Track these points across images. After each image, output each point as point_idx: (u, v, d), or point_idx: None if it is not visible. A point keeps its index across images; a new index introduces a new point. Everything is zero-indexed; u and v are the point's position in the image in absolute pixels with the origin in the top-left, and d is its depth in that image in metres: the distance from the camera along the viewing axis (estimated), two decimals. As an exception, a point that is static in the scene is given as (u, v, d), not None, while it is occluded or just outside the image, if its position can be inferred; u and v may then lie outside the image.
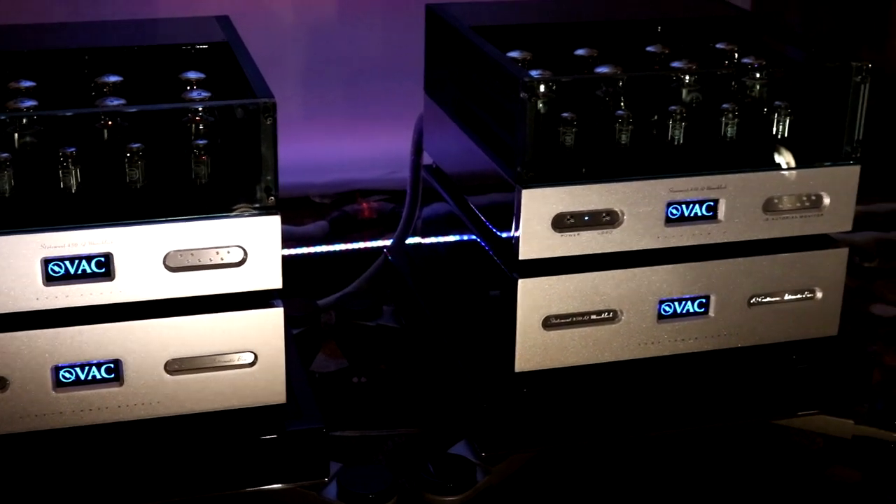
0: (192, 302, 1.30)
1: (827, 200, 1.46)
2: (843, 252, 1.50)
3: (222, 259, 1.29)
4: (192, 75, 1.41)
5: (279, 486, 1.36)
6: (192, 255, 1.28)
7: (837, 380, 1.53)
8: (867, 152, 1.47)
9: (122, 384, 1.29)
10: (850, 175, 1.47)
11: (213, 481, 1.33)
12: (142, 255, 1.26)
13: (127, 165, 1.27)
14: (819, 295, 1.50)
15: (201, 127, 1.32)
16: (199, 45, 1.50)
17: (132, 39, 1.51)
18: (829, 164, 1.46)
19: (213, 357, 1.31)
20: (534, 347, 1.41)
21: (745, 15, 1.70)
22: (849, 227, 1.49)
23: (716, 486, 1.58)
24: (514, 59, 1.48)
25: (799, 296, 1.49)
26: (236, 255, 1.29)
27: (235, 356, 1.32)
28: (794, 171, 1.45)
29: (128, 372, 1.29)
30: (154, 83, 1.45)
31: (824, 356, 1.52)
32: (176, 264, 1.28)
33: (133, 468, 1.31)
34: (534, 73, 1.43)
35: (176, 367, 1.30)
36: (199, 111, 1.32)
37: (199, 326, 1.30)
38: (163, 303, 1.29)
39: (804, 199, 1.46)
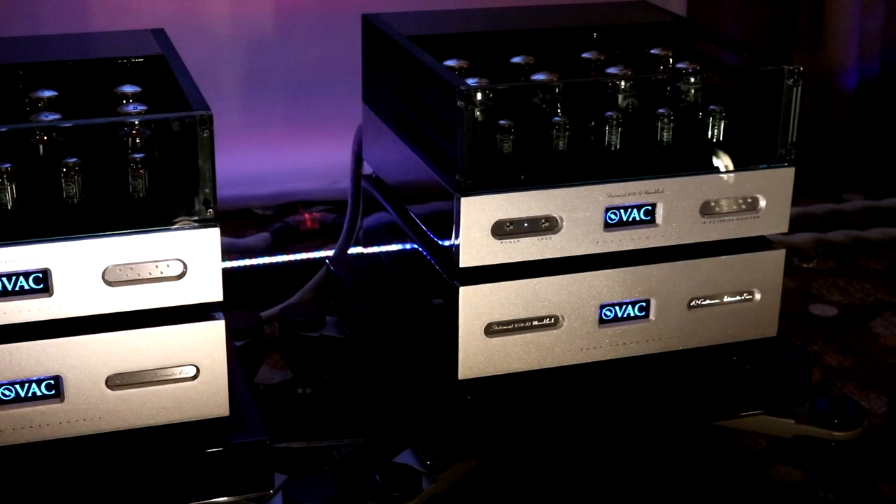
0: (132, 316, 1.29)
1: (763, 202, 1.48)
2: (781, 253, 1.51)
3: (162, 273, 1.28)
4: (128, 89, 1.40)
5: (224, 499, 1.35)
6: (131, 269, 1.27)
7: (778, 380, 1.54)
8: (804, 154, 1.49)
9: (62, 400, 1.28)
10: (785, 177, 1.48)
11: (157, 496, 1.33)
12: (80, 270, 1.25)
13: (63, 180, 1.26)
14: (758, 296, 1.51)
15: (138, 140, 1.31)
16: (135, 58, 1.49)
17: (67, 54, 1.50)
18: (764, 166, 1.47)
19: (154, 371, 1.31)
20: (476, 355, 1.41)
21: (680, 21, 1.71)
22: (785, 229, 1.50)
23: (661, 488, 1.59)
24: (450, 67, 1.49)
25: (738, 298, 1.50)
26: (176, 269, 1.29)
27: (177, 370, 1.31)
28: (729, 174, 1.46)
29: (68, 388, 1.28)
30: (90, 97, 1.44)
31: (765, 357, 1.53)
32: (115, 279, 1.27)
33: (76, 485, 1.30)
34: (470, 81, 1.43)
35: (117, 381, 1.30)
36: (136, 125, 1.31)
37: (140, 341, 1.29)
38: (102, 318, 1.28)
39: (740, 201, 1.47)
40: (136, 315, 1.29)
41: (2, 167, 1.24)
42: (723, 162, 1.47)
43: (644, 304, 1.47)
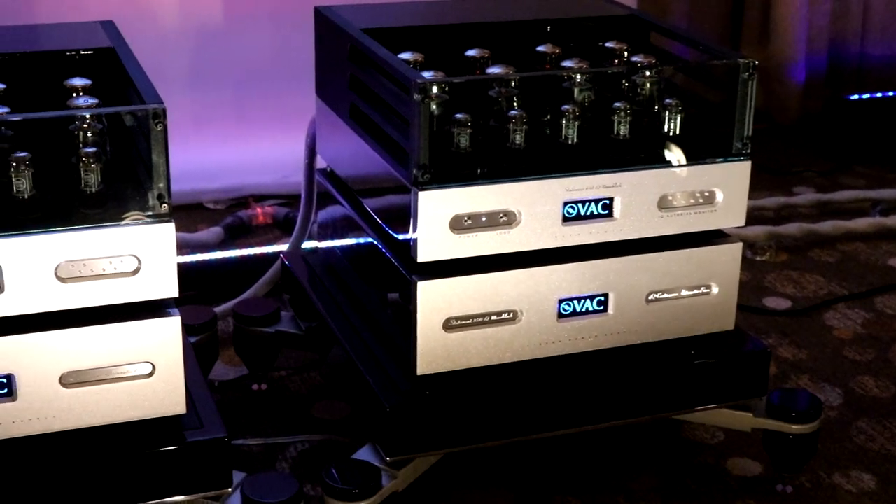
0: (86, 313, 1.27)
1: (720, 196, 1.48)
2: (738, 246, 1.51)
3: (116, 269, 1.26)
4: (78, 82, 1.38)
5: (182, 498, 1.33)
6: (84, 265, 1.25)
7: (735, 374, 1.54)
8: (754, 148, 1.49)
9: (15, 399, 1.26)
10: (741, 170, 1.48)
11: (113, 496, 1.30)
12: (32, 266, 1.23)
13: (13, 175, 1.24)
14: (715, 290, 1.51)
15: (90, 134, 1.30)
16: (85, 50, 1.47)
17: (15, 46, 1.47)
18: (720, 160, 1.47)
19: (109, 369, 1.28)
20: (435, 350, 1.40)
21: (633, 14, 1.71)
22: (742, 222, 1.50)
23: (620, 481, 1.58)
24: (405, 60, 1.48)
25: (695, 291, 1.50)
26: (130, 265, 1.27)
27: (132, 367, 1.29)
28: (687, 168, 1.46)
29: (21, 386, 1.25)
30: (39, 90, 1.41)
31: (722, 351, 1.53)
32: (68, 275, 1.25)
33: (29, 485, 1.28)
34: (426, 74, 1.42)
35: (71, 379, 1.27)
36: (88, 118, 1.29)
37: (95, 338, 1.27)
38: (56, 315, 1.26)
39: (698, 195, 1.47)
40: (90, 312, 1.27)
41: (-49, 161, 1.21)
42: (679, 155, 1.46)
43: (602, 298, 1.46)
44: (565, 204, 1.41)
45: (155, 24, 2.32)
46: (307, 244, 1.86)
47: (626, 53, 1.58)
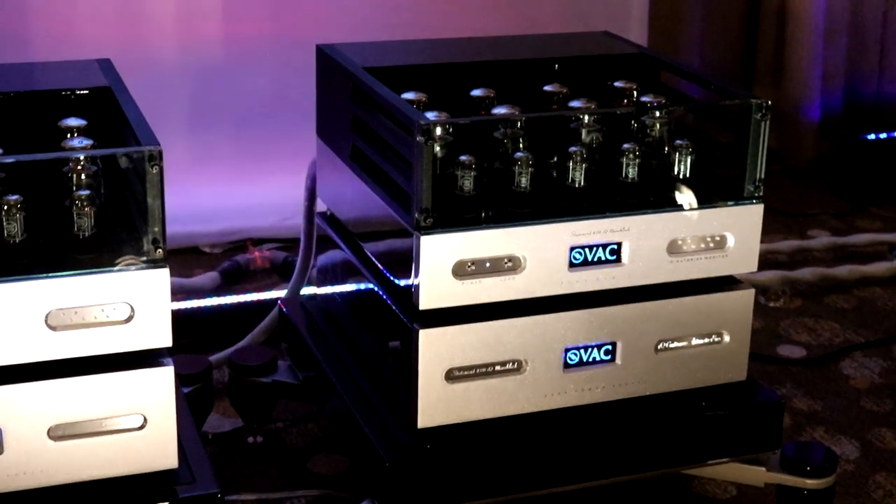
0: (76, 363, 1.24)
1: (731, 241, 1.45)
2: (750, 293, 1.48)
3: (108, 316, 1.23)
4: (73, 122, 1.35)
5: (172, 556, 1.30)
6: (75, 313, 1.22)
7: (748, 426, 1.50)
8: (767, 190, 1.46)
9: (1, 452, 1.23)
10: (753, 214, 1.45)
11: (101, 554, 1.27)
12: (21, 313, 1.20)
13: (4, 218, 1.21)
14: (726, 338, 1.47)
15: (84, 177, 1.27)
16: (80, 90, 1.44)
17: (9, 84, 1.45)
18: (732, 203, 1.44)
19: (99, 421, 1.25)
20: (437, 402, 1.37)
21: (643, 52, 1.69)
22: (754, 268, 1.47)
23: (627, 537, 1.55)
24: (409, 100, 1.45)
25: (706, 340, 1.47)
26: (123, 312, 1.23)
27: (123, 419, 1.26)
28: (697, 212, 1.43)
29: (8, 439, 1.22)
30: (32, 131, 1.39)
31: (734, 402, 1.49)
32: (58, 323, 1.22)
33: (15, 542, 1.24)
34: (430, 114, 1.40)
35: (60, 432, 1.24)
36: (81, 160, 1.27)
37: (84, 388, 1.24)
38: (45, 365, 1.23)
39: (708, 239, 1.44)
40: (81, 361, 1.24)
41: (-62, 205, 1.18)
42: (689, 199, 1.43)
43: (610, 346, 1.43)
44: (572, 249, 1.38)
45: (153, 63, 2.30)
46: (306, 290, 1.83)
47: (635, 93, 1.56)
